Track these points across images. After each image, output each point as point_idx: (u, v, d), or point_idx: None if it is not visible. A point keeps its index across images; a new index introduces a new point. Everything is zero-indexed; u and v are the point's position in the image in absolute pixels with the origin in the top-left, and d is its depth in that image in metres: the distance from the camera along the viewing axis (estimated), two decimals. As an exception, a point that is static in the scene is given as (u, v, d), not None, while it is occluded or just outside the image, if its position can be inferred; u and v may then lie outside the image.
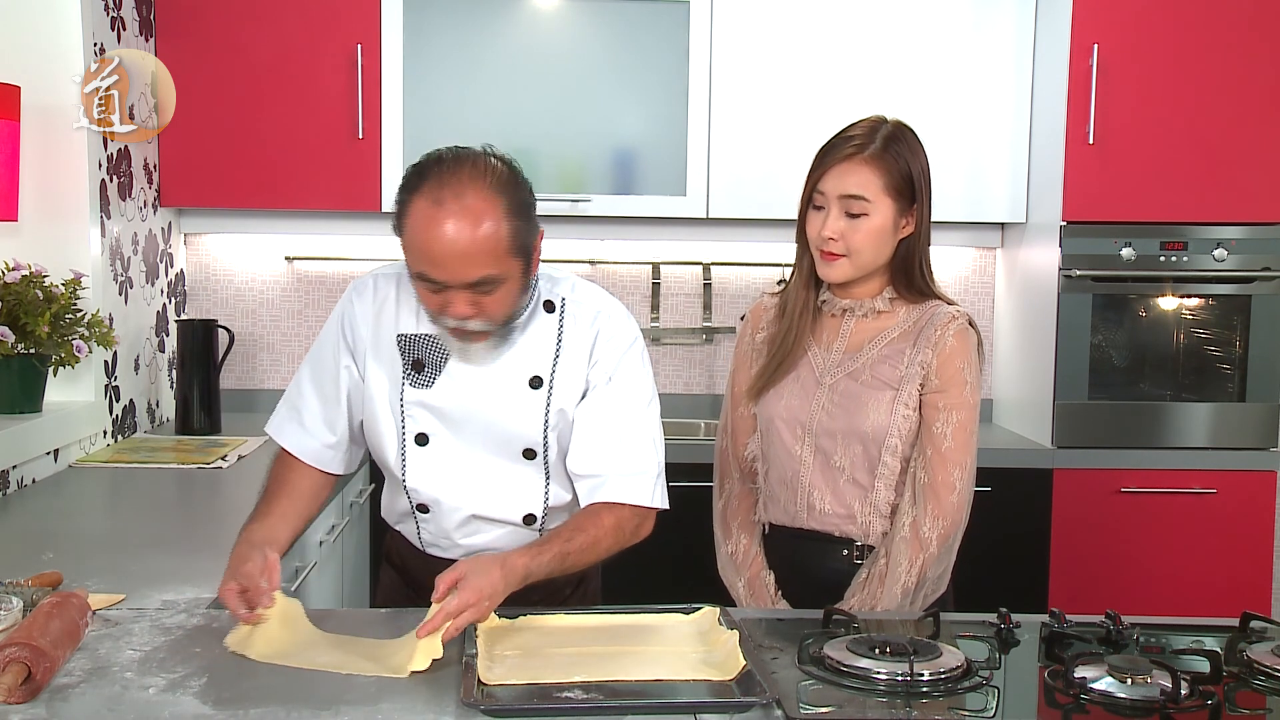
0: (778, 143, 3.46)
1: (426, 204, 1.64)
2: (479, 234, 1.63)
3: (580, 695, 1.41)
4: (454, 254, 1.63)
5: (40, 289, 2.66)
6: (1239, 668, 1.55)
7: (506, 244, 1.66)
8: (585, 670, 1.49)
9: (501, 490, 1.87)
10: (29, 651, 1.39)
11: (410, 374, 1.83)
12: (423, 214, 1.64)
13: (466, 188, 1.64)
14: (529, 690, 1.43)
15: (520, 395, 1.83)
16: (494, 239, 1.64)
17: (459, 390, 1.82)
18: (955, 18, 3.50)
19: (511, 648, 1.58)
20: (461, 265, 1.64)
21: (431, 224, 1.63)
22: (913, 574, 1.90)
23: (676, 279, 3.83)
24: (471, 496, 1.87)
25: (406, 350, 1.83)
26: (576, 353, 1.84)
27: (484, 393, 1.82)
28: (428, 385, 1.82)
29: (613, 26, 3.50)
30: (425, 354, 1.82)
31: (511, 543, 1.91)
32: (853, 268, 1.95)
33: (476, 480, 1.86)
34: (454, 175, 1.65)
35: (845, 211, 1.92)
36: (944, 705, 1.45)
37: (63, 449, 2.77)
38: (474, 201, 1.63)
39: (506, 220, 1.65)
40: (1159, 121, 3.31)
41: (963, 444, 1.93)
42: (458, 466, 1.85)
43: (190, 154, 3.42)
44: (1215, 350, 3.40)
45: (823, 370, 2.00)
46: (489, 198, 1.64)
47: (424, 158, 1.72)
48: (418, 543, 1.95)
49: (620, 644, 1.61)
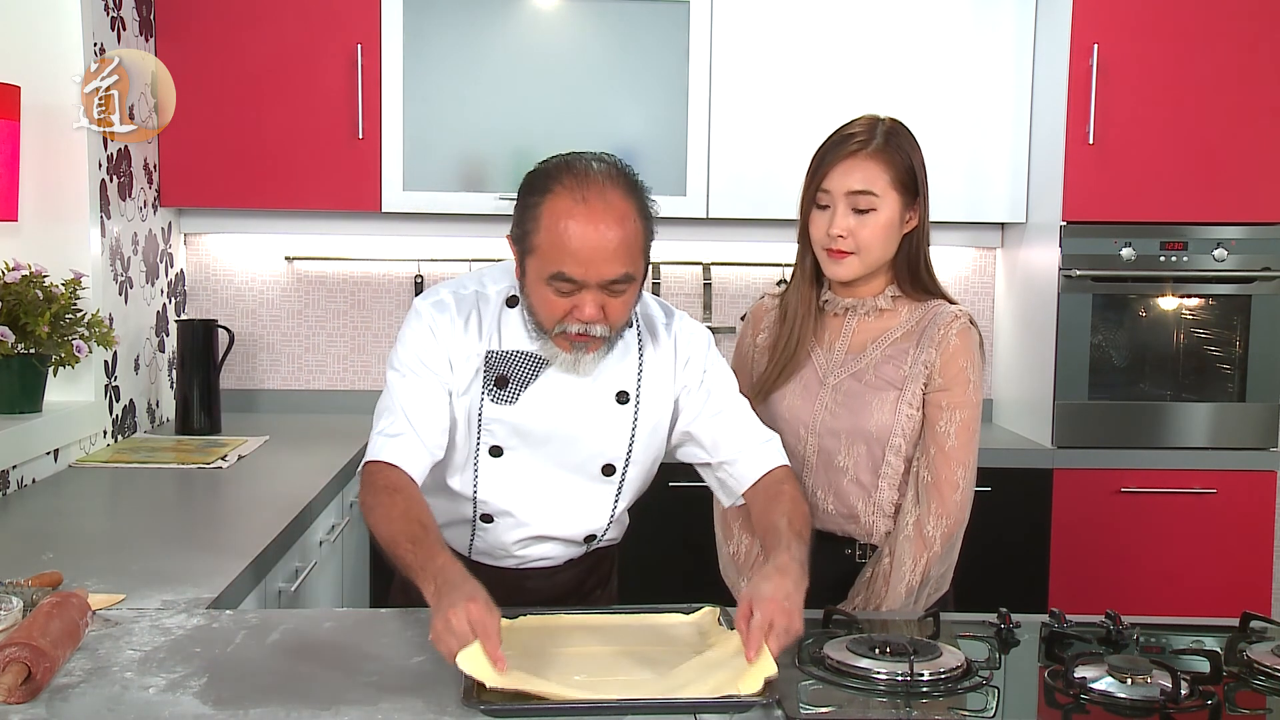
0: (778, 143, 3.46)
1: (570, 203, 1.64)
2: (625, 231, 1.65)
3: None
4: (603, 250, 1.64)
5: (40, 289, 2.66)
6: (1239, 668, 1.55)
7: (642, 243, 1.69)
8: (584, 670, 1.49)
9: (572, 507, 1.88)
10: (29, 651, 1.39)
11: (492, 390, 1.80)
12: (566, 213, 1.64)
13: (608, 188, 1.66)
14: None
15: (607, 411, 1.83)
16: (635, 236, 1.67)
17: (545, 407, 1.81)
18: (955, 18, 3.50)
19: (511, 647, 1.58)
20: (607, 262, 1.65)
21: (579, 221, 1.63)
22: (917, 572, 1.90)
23: (676, 279, 3.83)
24: (542, 512, 1.87)
25: (493, 366, 1.80)
26: (660, 364, 1.86)
27: (570, 410, 1.81)
28: (510, 402, 1.80)
29: (613, 26, 3.49)
30: (512, 371, 1.80)
31: (565, 556, 1.93)
32: (861, 265, 1.95)
33: (548, 496, 1.86)
34: (590, 176, 1.66)
35: (853, 208, 1.92)
36: (944, 705, 1.45)
37: (63, 449, 2.77)
38: (615, 199, 1.66)
39: (641, 219, 1.69)
40: (1159, 121, 3.31)
41: (965, 443, 1.93)
42: (531, 480, 1.85)
43: (190, 154, 3.42)
44: (1215, 350, 3.40)
45: (825, 370, 2.00)
46: (625, 196, 1.67)
47: (542, 164, 1.73)
48: (465, 551, 1.93)
49: (620, 644, 1.61)
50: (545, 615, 1.70)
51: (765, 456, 1.87)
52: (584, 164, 1.69)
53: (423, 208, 3.46)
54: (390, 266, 3.74)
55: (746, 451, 1.87)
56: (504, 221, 3.99)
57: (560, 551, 1.93)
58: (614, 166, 1.70)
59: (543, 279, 1.68)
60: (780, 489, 1.83)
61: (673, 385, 1.87)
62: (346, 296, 3.78)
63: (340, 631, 1.66)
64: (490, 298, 1.83)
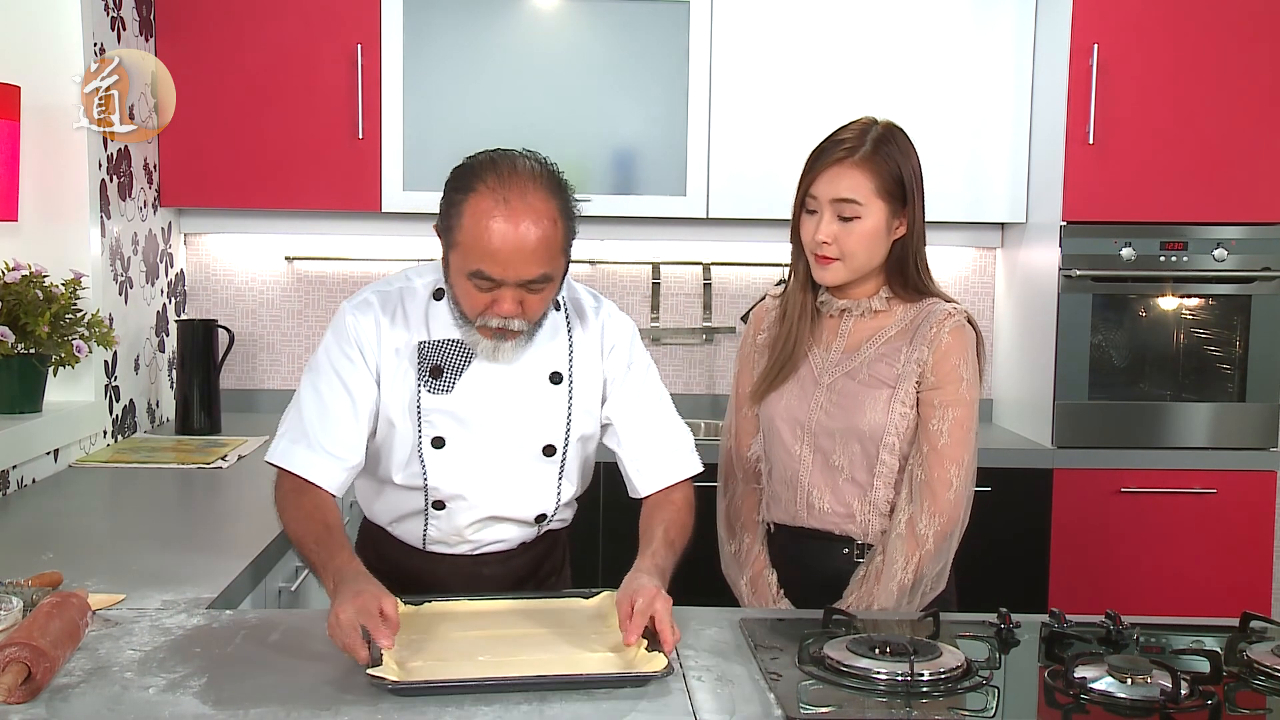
0: (777, 143, 3.46)
1: (491, 203, 1.68)
2: (544, 232, 1.68)
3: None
4: (521, 252, 1.67)
5: (40, 289, 2.66)
6: (1239, 668, 1.55)
7: (561, 243, 1.72)
8: (488, 652, 1.55)
9: (519, 489, 1.91)
10: (29, 651, 1.39)
11: (427, 380, 1.84)
12: (488, 213, 1.67)
13: (529, 188, 1.69)
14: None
15: (542, 392, 1.87)
16: (554, 237, 1.70)
17: (480, 393, 1.85)
18: (955, 18, 3.50)
19: (418, 631, 1.63)
20: (525, 263, 1.68)
21: (498, 222, 1.67)
22: (909, 571, 1.90)
23: (676, 279, 3.83)
24: (491, 495, 1.90)
25: (426, 357, 1.84)
26: (588, 346, 1.90)
27: (506, 393, 1.85)
28: (447, 390, 1.84)
29: (613, 26, 3.50)
30: (445, 359, 1.84)
31: (518, 539, 1.96)
32: (847, 271, 1.97)
33: (495, 479, 1.89)
34: (514, 176, 1.69)
35: (838, 215, 1.93)
36: (944, 705, 1.45)
37: (63, 449, 2.77)
38: (537, 201, 1.68)
39: (562, 220, 1.72)
40: (1159, 121, 3.31)
41: (960, 441, 1.93)
42: (476, 466, 1.88)
43: (190, 154, 3.42)
44: (1215, 350, 3.40)
45: (821, 370, 2.01)
46: (547, 198, 1.70)
47: (469, 160, 1.76)
48: (419, 542, 1.96)
49: (522, 627, 1.66)
50: (449, 601, 1.75)
51: (674, 467, 1.92)
52: (509, 162, 1.72)
53: (423, 208, 3.45)
54: (390, 267, 3.74)
55: (657, 456, 1.92)
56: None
57: (514, 534, 1.96)
58: (539, 165, 1.73)
59: (464, 274, 1.72)
60: (670, 497, 1.89)
61: (600, 369, 1.91)
62: (346, 296, 3.77)
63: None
64: (417, 291, 1.88)
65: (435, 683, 1.44)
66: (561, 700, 1.42)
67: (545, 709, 1.40)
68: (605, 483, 2.17)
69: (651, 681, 1.46)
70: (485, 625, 1.67)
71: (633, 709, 1.41)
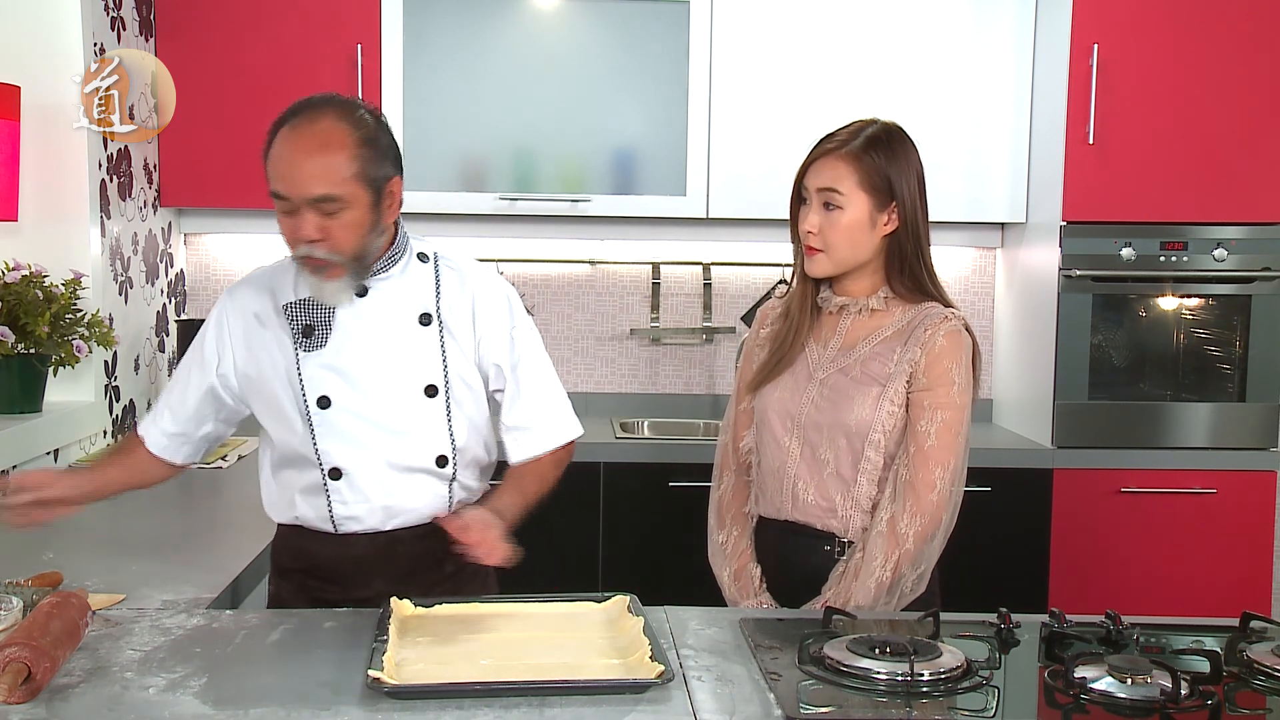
0: (777, 142, 3.46)
1: (286, 130, 1.79)
2: (330, 152, 1.76)
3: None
4: (301, 168, 1.76)
5: (40, 289, 2.66)
6: (1239, 668, 1.55)
7: (351, 169, 1.77)
8: (491, 655, 1.56)
9: (410, 432, 1.90)
10: (29, 651, 1.39)
11: (301, 341, 1.89)
12: (280, 138, 1.79)
13: (320, 114, 1.80)
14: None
15: (413, 333, 1.90)
16: (344, 160, 1.77)
17: (353, 342, 1.88)
18: (955, 18, 3.50)
19: (425, 634, 1.63)
20: (307, 180, 1.76)
21: (283, 142, 1.78)
22: (887, 569, 1.90)
23: (676, 279, 3.83)
24: (383, 444, 1.89)
25: (295, 318, 1.90)
26: (458, 304, 1.93)
27: (379, 339, 1.89)
28: (320, 346, 1.89)
29: (613, 26, 3.50)
30: (312, 317, 1.89)
31: (428, 493, 1.93)
32: (831, 263, 1.99)
33: (385, 427, 1.89)
34: (314, 108, 1.81)
35: (823, 204, 1.97)
36: (944, 705, 1.45)
37: (63, 449, 2.77)
38: (325, 126, 1.78)
39: (353, 148, 1.78)
40: (1159, 121, 3.31)
41: (947, 444, 1.93)
42: (364, 418, 1.89)
43: (190, 154, 3.42)
44: (1215, 350, 3.40)
45: (816, 365, 2.03)
46: (341, 127, 1.79)
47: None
48: (329, 525, 1.92)
49: (530, 631, 1.67)
50: (460, 604, 1.75)
51: (546, 436, 1.98)
52: (320, 100, 1.83)
53: (423, 208, 3.45)
54: (390, 266, 3.74)
55: (536, 423, 1.97)
56: (505, 221, 3.99)
57: (422, 486, 1.92)
58: (350, 105, 1.83)
59: (273, 198, 1.81)
60: (540, 457, 1.97)
61: (471, 316, 1.93)
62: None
63: (340, 631, 1.67)
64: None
65: (430, 686, 1.44)
66: (561, 702, 1.42)
67: (545, 710, 1.40)
68: (605, 483, 2.17)
69: (650, 688, 1.46)
70: (493, 628, 1.67)
71: (633, 709, 1.41)
